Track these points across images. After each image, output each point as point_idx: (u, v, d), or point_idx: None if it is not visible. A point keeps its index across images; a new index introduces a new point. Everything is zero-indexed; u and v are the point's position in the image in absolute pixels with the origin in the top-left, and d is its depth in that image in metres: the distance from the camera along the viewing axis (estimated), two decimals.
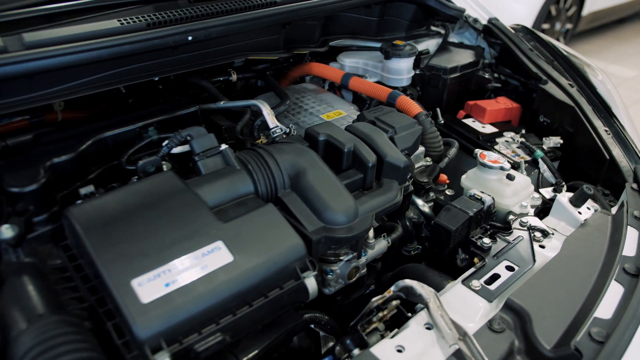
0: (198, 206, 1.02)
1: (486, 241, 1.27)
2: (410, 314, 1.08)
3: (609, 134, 1.66)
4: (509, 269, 1.21)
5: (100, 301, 0.92)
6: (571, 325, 1.02)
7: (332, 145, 1.27)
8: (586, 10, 5.89)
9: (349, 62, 1.95)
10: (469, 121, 1.93)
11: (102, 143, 1.25)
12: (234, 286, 0.92)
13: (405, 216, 1.49)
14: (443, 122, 1.91)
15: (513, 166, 1.60)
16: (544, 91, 1.84)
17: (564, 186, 1.54)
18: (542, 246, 1.29)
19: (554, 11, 5.55)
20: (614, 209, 1.46)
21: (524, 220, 1.36)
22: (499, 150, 1.77)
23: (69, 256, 1.02)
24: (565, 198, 1.43)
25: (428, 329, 1.02)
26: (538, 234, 1.33)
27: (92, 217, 0.96)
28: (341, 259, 1.20)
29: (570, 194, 1.45)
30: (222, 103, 1.49)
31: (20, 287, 0.94)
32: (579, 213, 1.40)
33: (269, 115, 1.38)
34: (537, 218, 1.40)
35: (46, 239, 1.08)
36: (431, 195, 1.55)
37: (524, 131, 1.88)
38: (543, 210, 1.50)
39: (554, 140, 1.77)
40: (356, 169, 1.26)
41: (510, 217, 1.39)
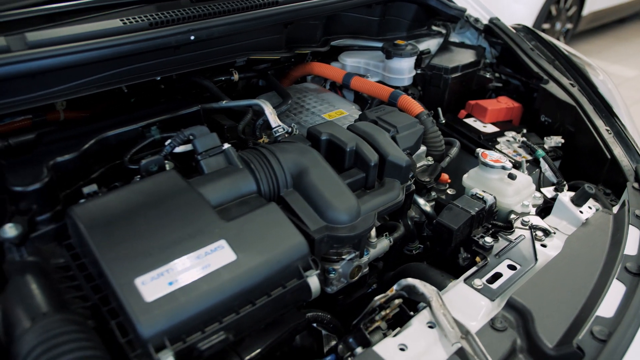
0: (201, 205, 1.02)
1: (488, 240, 1.27)
2: (413, 313, 1.08)
3: (610, 134, 1.66)
4: (511, 267, 1.21)
5: (103, 300, 0.92)
6: (573, 324, 1.03)
7: (335, 145, 1.27)
8: (586, 10, 5.89)
9: (351, 62, 1.95)
10: (470, 121, 1.93)
11: (105, 142, 1.25)
12: (237, 285, 0.92)
13: (407, 215, 1.49)
14: (444, 122, 1.91)
15: (514, 165, 1.60)
16: (545, 91, 1.84)
17: (565, 185, 1.54)
18: (544, 245, 1.30)
19: (554, 11, 5.55)
20: (615, 208, 1.46)
21: (526, 220, 1.36)
22: (500, 149, 1.77)
23: (72, 255, 1.02)
24: (566, 197, 1.43)
25: (430, 327, 1.02)
26: (540, 233, 1.33)
27: (96, 216, 0.96)
28: (343, 258, 1.20)
29: (572, 193, 1.45)
30: (224, 102, 1.49)
31: (24, 286, 0.94)
32: (581, 212, 1.41)
33: (271, 115, 1.38)
34: (539, 217, 1.40)
35: (49, 238, 1.08)
36: (433, 194, 1.55)
37: (525, 130, 1.88)
38: (544, 209, 1.50)
39: (555, 140, 1.77)
40: (358, 168, 1.26)
41: (512, 216, 1.39)
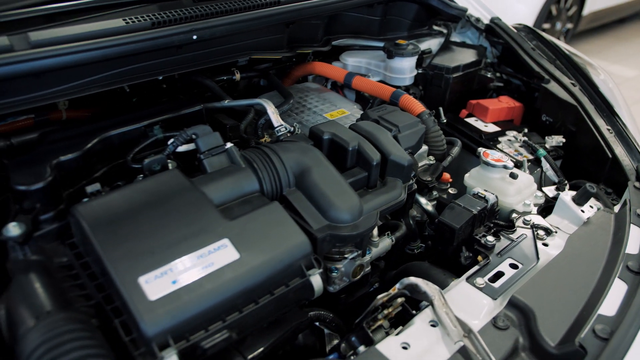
0: (204, 204, 1.02)
1: (490, 239, 1.28)
2: (415, 312, 1.08)
3: (611, 133, 1.67)
4: (513, 266, 1.21)
5: (107, 298, 0.93)
6: (575, 323, 1.03)
7: (337, 144, 1.27)
8: (587, 10, 5.89)
9: (352, 62, 1.95)
10: (471, 120, 1.94)
11: (108, 141, 1.25)
12: (241, 283, 0.92)
13: (409, 215, 1.49)
14: (446, 121, 1.92)
15: (516, 165, 1.61)
16: (547, 90, 1.85)
17: (566, 185, 1.54)
18: (546, 244, 1.30)
19: (554, 11, 5.55)
20: (617, 207, 1.47)
21: (527, 219, 1.37)
22: (502, 149, 1.77)
23: (75, 254, 1.03)
24: (568, 196, 1.43)
25: (433, 326, 1.02)
26: (541, 232, 1.33)
27: (99, 215, 0.96)
28: (346, 257, 1.20)
29: (573, 193, 1.45)
30: (227, 102, 1.49)
31: (28, 285, 0.94)
32: (582, 211, 1.41)
33: (274, 114, 1.38)
34: (540, 216, 1.40)
35: (52, 236, 1.09)
36: (434, 193, 1.55)
37: (526, 130, 1.89)
38: (546, 208, 1.51)
39: (557, 139, 1.78)
40: (360, 168, 1.27)
41: (514, 216, 1.40)
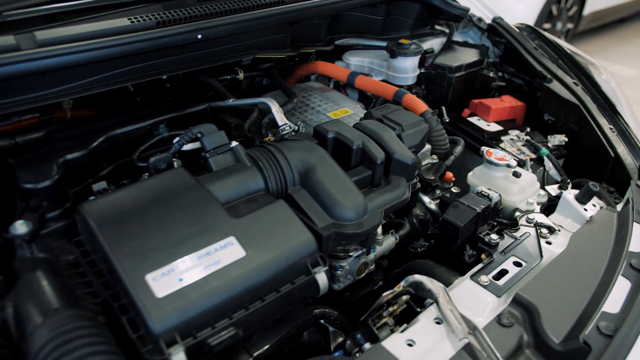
0: (210, 202, 1.03)
1: (494, 237, 1.28)
2: (420, 309, 1.09)
3: (613, 132, 1.67)
4: (517, 264, 1.22)
5: (114, 296, 0.93)
6: (579, 320, 1.03)
7: (341, 143, 1.28)
8: (587, 10, 5.90)
9: (355, 61, 1.95)
10: (473, 119, 1.94)
11: (114, 140, 1.26)
12: (247, 281, 0.93)
13: (412, 213, 1.50)
14: (448, 121, 1.92)
15: (519, 164, 1.61)
16: (549, 90, 1.85)
17: (569, 183, 1.55)
18: (549, 242, 1.30)
19: (555, 11, 5.56)
20: (619, 205, 1.47)
21: (531, 217, 1.37)
22: (504, 148, 1.78)
23: (82, 252, 1.03)
24: (571, 195, 1.44)
25: (438, 323, 1.03)
26: (544, 231, 1.34)
27: (106, 213, 0.97)
28: (350, 255, 1.20)
29: (576, 191, 1.46)
30: (231, 101, 1.50)
31: (35, 282, 0.95)
32: (585, 210, 1.42)
33: (278, 113, 1.38)
34: (543, 215, 1.41)
35: (59, 235, 1.09)
36: (437, 192, 1.56)
37: (529, 129, 1.89)
38: (549, 207, 1.51)
39: (559, 138, 1.78)
40: (365, 166, 1.27)
41: (517, 214, 1.40)
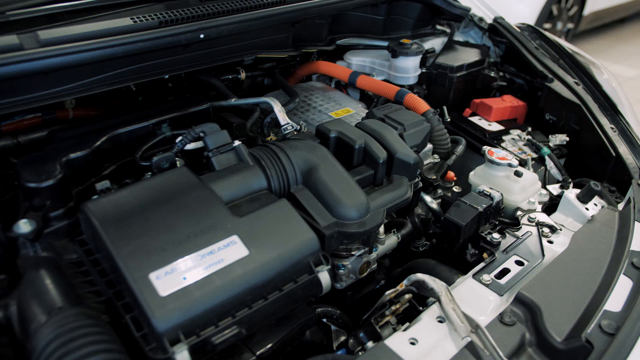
0: (213, 201, 1.03)
1: (496, 236, 1.29)
2: (422, 308, 1.09)
3: (615, 132, 1.67)
4: (519, 263, 1.22)
5: (117, 294, 0.93)
6: (581, 318, 1.04)
7: (343, 142, 1.28)
8: (587, 10, 5.90)
9: (356, 61, 1.96)
10: (475, 119, 1.94)
11: (117, 139, 1.26)
12: (250, 279, 0.93)
13: (414, 212, 1.50)
14: (449, 120, 1.92)
15: (520, 163, 1.61)
16: (550, 89, 1.85)
17: (570, 183, 1.55)
18: (551, 241, 1.31)
19: (555, 11, 5.56)
20: (621, 205, 1.47)
21: (532, 216, 1.38)
22: (506, 147, 1.78)
23: (85, 251, 1.03)
24: (572, 194, 1.44)
25: (440, 322, 1.03)
26: (546, 230, 1.34)
27: (109, 212, 0.97)
28: (353, 254, 1.21)
29: (577, 191, 1.46)
30: (234, 100, 1.50)
31: (39, 281, 0.95)
32: (586, 209, 1.42)
33: (280, 112, 1.38)
34: (545, 214, 1.41)
35: (62, 234, 1.09)
36: (439, 192, 1.56)
37: (530, 129, 1.89)
38: (550, 206, 1.52)
39: (560, 138, 1.79)
40: (367, 165, 1.27)
41: (519, 213, 1.41)
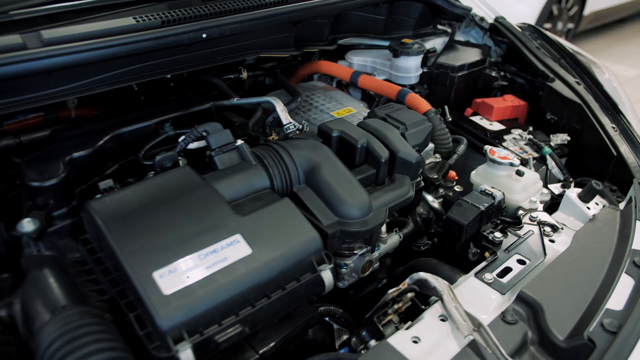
0: (216, 200, 1.03)
1: (497, 235, 1.29)
2: (425, 307, 1.09)
3: (616, 131, 1.67)
4: (521, 262, 1.22)
5: (120, 293, 0.94)
6: (583, 317, 1.04)
7: (345, 141, 1.28)
8: (588, 9, 5.91)
9: (358, 60, 1.96)
10: (476, 119, 1.95)
11: (119, 138, 1.26)
12: (253, 278, 0.93)
13: (416, 212, 1.50)
14: (451, 120, 1.92)
15: (522, 162, 1.62)
16: (551, 89, 1.86)
17: (572, 182, 1.55)
18: (552, 240, 1.31)
19: (555, 10, 5.56)
20: (622, 204, 1.48)
21: (534, 215, 1.38)
22: (507, 147, 1.78)
23: (88, 250, 1.03)
24: (574, 193, 1.44)
25: (442, 320, 1.03)
26: (548, 229, 1.34)
27: (113, 211, 0.97)
28: (355, 253, 1.21)
29: (579, 190, 1.46)
30: (236, 100, 1.51)
31: (42, 280, 0.95)
32: (588, 208, 1.42)
33: (283, 112, 1.39)
34: (547, 213, 1.41)
35: (65, 232, 1.10)
36: (440, 191, 1.57)
37: (531, 128, 1.89)
38: (551, 206, 1.52)
39: (561, 137, 1.79)
40: (369, 165, 1.28)
41: (520, 212, 1.41)
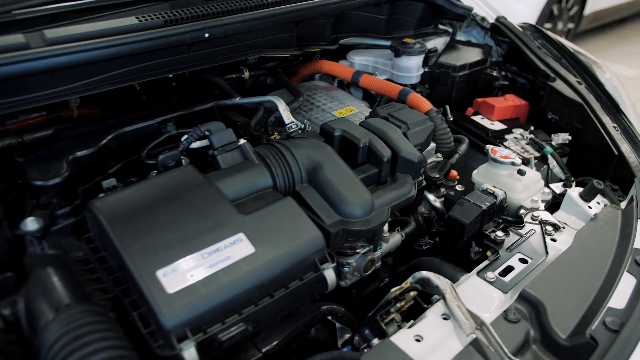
0: (219, 199, 1.03)
1: (499, 234, 1.29)
2: (427, 305, 1.10)
3: (617, 130, 1.68)
4: (523, 261, 1.22)
5: (124, 292, 0.94)
6: (585, 315, 1.04)
7: (348, 141, 1.28)
8: (588, 9, 5.91)
9: (359, 60, 1.96)
10: (477, 118, 1.95)
11: (122, 138, 1.27)
12: (256, 277, 0.94)
13: (417, 211, 1.50)
14: (452, 119, 1.93)
15: (523, 162, 1.62)
16: (553, 88, 1.86)
17: (573, 181, 1.56)
18: (554, 239, 1.31)
19: (556, 10, 5.57)
20: (623, 203, 1.48)
21: (535, 214, 1.38)
22: (508, 146, 1.78)
23: (92, 248, 1.04)
24: (575, 193, 1.45)
25: (445, 319, 1.04)
26: (549, 228, 1.34)
27: (116, 210, 0.98)
28: (357, 252, 1.21)
29: (580, 189, 1.47)
30: (238, 99, 1.51)
31: (46, 278, 0.96)
32: (589, 207, 1.42)
33: (285, 111, 1.39)
34: (548, 212, 1.42)
35: (69, 231, 1.10)
36: (442, 190, 1.57)
37: (532, 128, 1.90)
38: (553, 205, 1.52)
39: (563, 137, 1.79)
40: (371, 164, 1.28)
41: (522, 211, 1.41)
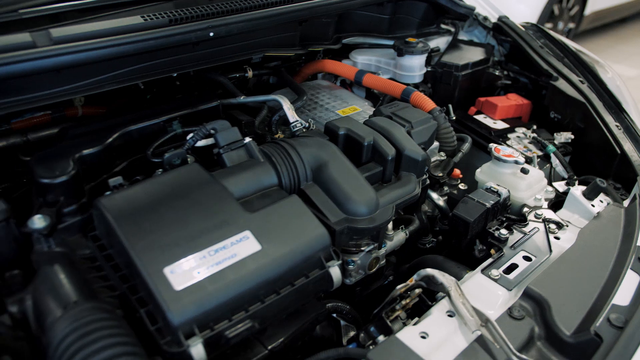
0: (225, 197, 1.04)
1: (503, 232, 1.30)
2: (432, 302, 1.10)
3: (619, 129, 1.68)
4: (527, 259, 1.23)
5: (131, 289, 0.94)
6: (590, 312, 1.05)
7: (352, 139, 1.29)
8: (588, 9, 5.92)
9: (362, 59, 1.97)
10: (480, 117, 1.95)
11: (128, 136, 1.27)
12: (263, 274, 0.94)
13: (421, 209, 1.51)
14: (455, 118, 1.93)
15: (526, 161, 1.63)
16: (555, 88, 1.86)
17: (576, 180, 1.56)
18: (557, 237, 1.32)
19: (556, 10, 5.57)
20: (626, 202, 1.48)
21: (539, 213, 1.39)
22: (511, 145, 1.79)
23: (98, 246, 1.04)
24: (578, 191, 1.45)
25: (450, 316, 1.04)
26: (553, 226, 1.35)
27: (123, 208, 0.98)
28: (362, 250, 1.22)
29: (583, 188, 1.47)
30: (242, 98, 1.51)
31: (53, 276, 0.96)
32: (592, 206, 1.43)
33: (289, 110, 1.39)
34: (551, 211, 1.42)
35: (75, 229, 1.11)
36: (445, 189, 1.57)
37: (535, 127, 1.90)
38: (556, 203, 1.53)
39: (565, 136, 1.80)
40: (376, 162, 1.28)
41: (525, 210, 1.42)
